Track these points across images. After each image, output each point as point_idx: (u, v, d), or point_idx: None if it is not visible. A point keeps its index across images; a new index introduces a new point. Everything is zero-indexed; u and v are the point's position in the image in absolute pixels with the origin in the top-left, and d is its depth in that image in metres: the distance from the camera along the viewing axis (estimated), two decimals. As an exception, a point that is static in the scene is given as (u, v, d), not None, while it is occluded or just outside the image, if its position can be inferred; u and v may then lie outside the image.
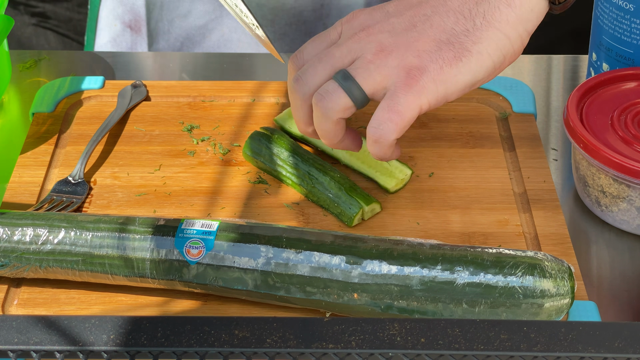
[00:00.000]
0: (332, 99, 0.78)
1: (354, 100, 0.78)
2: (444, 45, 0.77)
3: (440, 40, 0.77)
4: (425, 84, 0.77)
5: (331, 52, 0.79)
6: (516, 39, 0.78)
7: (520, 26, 0.78)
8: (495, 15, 0.77)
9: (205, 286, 0.77)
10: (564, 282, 0.73)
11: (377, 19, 0.80)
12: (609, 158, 0.84)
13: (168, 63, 1.12)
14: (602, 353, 0.53)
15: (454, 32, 0.77)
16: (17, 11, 1.63)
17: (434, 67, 0.76)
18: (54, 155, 0.94)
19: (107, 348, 0.52)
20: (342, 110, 0.78)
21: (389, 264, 0.74)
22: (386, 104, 0.77)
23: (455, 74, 0.77)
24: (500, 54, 0.78)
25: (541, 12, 0.78)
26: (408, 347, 0.53)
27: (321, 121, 0.79)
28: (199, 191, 0.89)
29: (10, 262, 0.78)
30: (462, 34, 0.77)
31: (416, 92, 0.77)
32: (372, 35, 0.78)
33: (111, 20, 1.23)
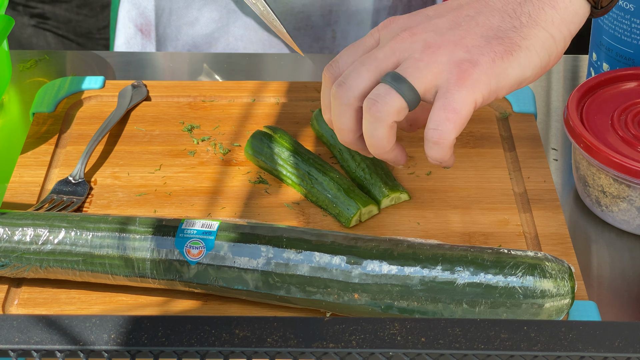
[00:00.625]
0: (387, 101, 0.74)
1: (407, 101, 0.75)
2: (493, 39, 0.75)
3: (488, 36, 0.75)
4: (479, 77, 0.74)
5: (374, 55, 0.77)
6: (560, 40, 0.76)
7: (564, 28, 0.76)
8: (540, 15, 0.76)
9: (206, 286, 0.77)
10: (564, 282, 0.73)
11: (418, 22, 0.78)
12: (609, 158, 0.84)
13: (169, 63, 1.12)
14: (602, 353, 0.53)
15: (501, 28, 0.76)
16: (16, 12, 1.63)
17: (486, 60, 0.74)
18: (54, 155, 0.94)
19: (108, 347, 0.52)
20: (397, 112, 0.75)
21: (389, 264, 0.74)
22: (441, 103, 0.74)
23: (507, 67, 0.75)
24: (546, 53, 0.76)
25: (584, 15, 0.77)
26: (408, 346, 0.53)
27: (375, 127, 0.76)
28: (200, 191, 0.89)
29: (10, 262, 0.78)
30: (510, 30, 0.75)
31: (470, 86, 0.74)
32: (416, 35, 0.76)
33: (126, 23, 1.23)
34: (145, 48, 1.22)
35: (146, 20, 1.21)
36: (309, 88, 1.02)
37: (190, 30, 1.20)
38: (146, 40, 1.22)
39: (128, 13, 1.23)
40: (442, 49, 0.75)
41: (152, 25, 1.21)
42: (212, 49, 1.20)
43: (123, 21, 1.24)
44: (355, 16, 1.17)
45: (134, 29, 1.22)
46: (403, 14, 0.80)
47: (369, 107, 0.75)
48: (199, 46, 1.20)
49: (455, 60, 0.74)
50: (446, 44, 0.75)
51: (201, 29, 1.19)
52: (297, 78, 1.08)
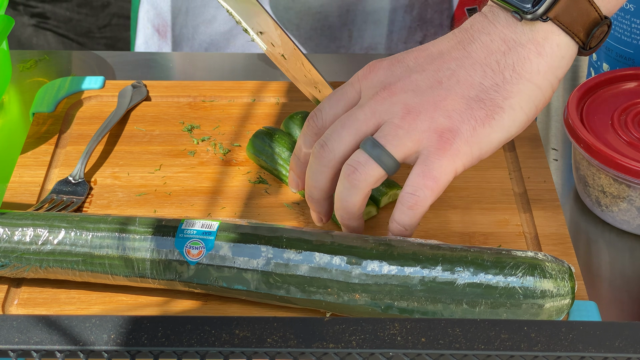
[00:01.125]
0: (365, 171, 0.74)
1: (386, 169, 0.75)
2: (474, 102, 0.74)
3: (469, 97, 0.74)
4: (459, 147, 0.74)
5: (354, 115, 0.76)
6: (547, 88, 0.75)
7: (551, 75, 0.74)
8: (525, 67, 0.74)
9: (206, 286, 0.77)
10: (565, 282, 0.73)
11: (398, 76, 0.76)
12: (609, 158, 0.84)
13: (169, 63, 1.12)
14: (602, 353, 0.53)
15: (483, 87, 0.74)
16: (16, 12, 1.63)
17: (467, 128, 0.73)
18: (54, 155, 0.94)
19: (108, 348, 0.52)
20: (375, 181, 0.75)
21: (389, 264, 0.74)
22: (420, 169, 0.74)
23: (489, 133, 0.74)
24: (532, 105, 0.75)
25: (571, 58, 0.75)
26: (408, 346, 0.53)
27: (350, 193, 0.75)
28: (199, 191, 0.89)
29: (10, 262, 0.78)
30: (492, 89, 0.74)
31: (450, 156, 0.74)
32: (395, 96, 0.75)
33: (145, 23, 1.23)
34: (162, 49, 1.23)
35: (162, 21, 1.21)
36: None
37: (208, 29, 1.19)
38: (162, 41, 1.22)
39: (147, 13, 1.23)
40: (422, 114, 0.73)
41: (169, 26, 1.21)
42: (230, 47, 1.19)
43: (142, 22, 1.24)
44: (372, 15, 1.17)
45: (152, 30, 1.23)
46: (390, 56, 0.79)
47: (347, 174, 0.75)
48: (216, 44, 1.20)
49: (435, 128, 0.73)
50: (426, 108, 0.73)
51: (219, 27, 1.19)
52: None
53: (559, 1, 0.72)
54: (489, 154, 0.75)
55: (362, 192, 0.76)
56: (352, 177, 0.75)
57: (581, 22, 0.74)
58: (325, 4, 1.15)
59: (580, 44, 0.75)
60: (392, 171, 0.75)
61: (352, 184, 0.75)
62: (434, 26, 1.19)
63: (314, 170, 0.78)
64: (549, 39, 0.74)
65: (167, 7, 1.21)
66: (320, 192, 0.79)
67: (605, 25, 0.75)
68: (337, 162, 0.76)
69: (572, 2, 0.73)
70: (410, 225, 0.76)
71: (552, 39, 0.74)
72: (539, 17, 0.72)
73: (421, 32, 1.19)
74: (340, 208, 0.77)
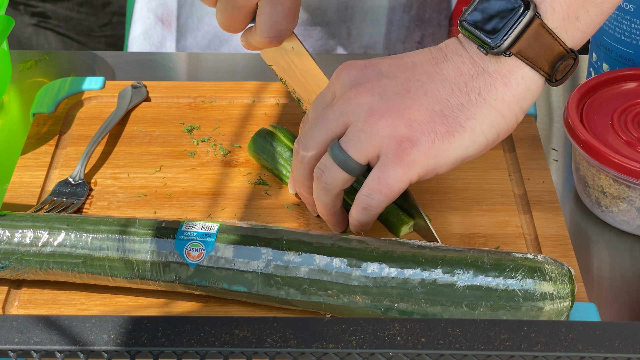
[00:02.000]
0: (331, 175, 0.78)
1: (350, 172, 0.77)
2: (437, 117, 0.75)
3: (433, 110, 0.75)
4: (416, 157, 0.75)
5: (325, 115, 0.79)
6: (511, 117, 0.76)
7: (515, 105, 0.76)
8: (491, 93, 0.75)
9: (206, 288, 0.77)
10: (564, 285, 0.73)
11: (368, 77, 0.78)
12: (609, 158, 0.84)
13: (169, 63, 1.12)
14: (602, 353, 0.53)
15: (448, 104, 0.75)
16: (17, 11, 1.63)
17: (426, 141, 0.75)
18: (54, 156, 0.94)
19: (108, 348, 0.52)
20: (343, 183, 0.78)
21: (389, 266, 0.74)
22: (377, 175, 0.76)
23: (447, 149, 0.76)
24: (494, 131, 0.76)
25: (537, 91, 0.76)
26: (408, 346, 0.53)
27: (321, 193, 0.80)
28: (200, 192, 0.89)
29: (10, 264, 0.78)
30: (457, 108, 0.75)
31: (406, 165, 0.76)
32: (362, 96, 0.77)
33: (145, 13, 1.23)
34: (165, 38, 1.22)
35: (167, 10, 1.21)
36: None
37: (213, 20, 1.19)
38: (166, 31, 1.22)
39: (147, 3, 1.23)
40: (384, 118, 0.75)
41: (174, 15, 1.21)
42: (234, 38, 1.19)
43: (141, 12, 1.23)
44: (371, 13, 1.18)
45: (154, 19, 1.22)
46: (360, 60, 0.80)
47: (317, 177, 0.79)
48: (220, 36, 1.19)
49: (395, 135, 0.75)
50: (389, 114, 0.75)
51: None
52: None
53: (521, 37, 0.74)
54: (445, 169, 0.77)
55: (332, 193, 0.79)
56: (320, 180, 0.79)
57: (545, 56, 0.75)
58: (323, 0, 1.16)
59: (546, 76, 0.76)
60: (357, 173, 0.78)
61: (321, 185, 0.79)
62: (433, 26, 1.19)
63: (295, 167, 0.82)
64: (514, 72, 0.75)
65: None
66: (301, 186, 0.82)
67: (571, 58, 0.76)
68: (311, 159, 0.80)
69: (535, 38, 0.74)
70: (366, 223, 0.80)
71: (517, 72, 0.75)
72: (503, 52, 0.74)
73: (419, 31, 1.19)
74: (317, 205, 0.82)
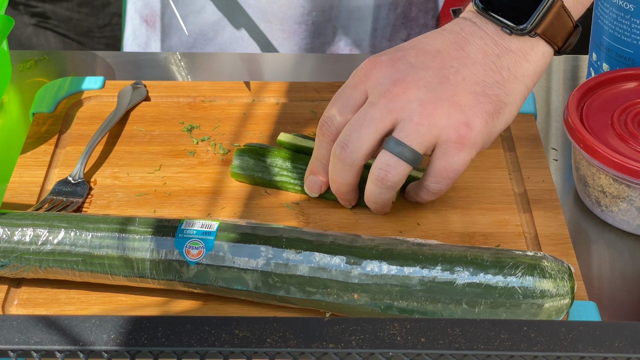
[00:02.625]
0: (397, 171, 0.80)
1: (412, 164, 0.80)
2: (482, 97, 0.80)
3: (476, 92, 0.80)
4: (475, 139, 0.80)
5: (370, 114, 0.80)
6: (531, 88, 0.83)
7: (535, 77, 0.82)
8: (518, 69, 0.81)
9: (205, 286, 0.77)
10: (564, 282, 0.73)
11: (404, 72, 0.80)
12: (609, 158, 0.84)
13: (168, 63, 1.12)
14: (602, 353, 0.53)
15: (486, 83, 0.80)
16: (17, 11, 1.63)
17: (480, 122, 0.80)
18: (54, 155, 0.94)
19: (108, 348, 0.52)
20: (405, 177, 0.81)
21: (389, 264, 0.74)
22: (443, 163, 0.80)
23: (496, 125, 0.81)
24: (521, 102, 0.83)
25: (549, 62, 0.84)
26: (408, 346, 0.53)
27: (383, 192, 0.81)
28: (199, 191, 0.89)
29: (10, 263, 0.78)
30: (495, 86, 0.80)
31: (468, 148, 0.80)
32: (409, 92, 0.79)
33: (133, 14, 1.23)
34: (150, 39, 1.22)
35: (151, 11, 1.21)
36: (309, 88, 1.02)
37: (197, 19, 1.19)
38: (151, 32, 1.22)
39: (134, 4, 1.23)
40: (438, 110, 0.79)
41: (158, 15, 1.21)
42: (219, 38, 1.19)
43: (130, 13, 1.24)
44: (356, 12, 1.18)
45: (139, 21, 1.23)
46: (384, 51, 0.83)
47: (381, 178, 0.80)
48: (205, 34, 1.19)
49: (452, 124, 0.79)
50: (441, 104, 0.79)
51: (208, 17, 1.19)
52: (297, 78, 1.08)
53: (545, 19, 0.81)
54: (492, 142, 0.84)
55: (395, 190, 0.82)
56: (385, 180, 0.80)
57: (561, 33, 0.82)
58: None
59: (556, 49, 0.83)
60: (417, 165, 0.80)
61: (386, 185, 0.81)
62: (419, 25, 1.20)
63: (339, 170, 0.82)
64: (535, 49, 0.82)
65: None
66: (347, 187, 0.84)
67: (577, 31, 0.83)
68: (360, 160, 0.81)
69: (556, 18, 0.81)
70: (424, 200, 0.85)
71: (537, 49, 0.82)
72: (527, 33, 0.81)
73: (405, 30, 1.20)
74: (374, 204, 0.84)
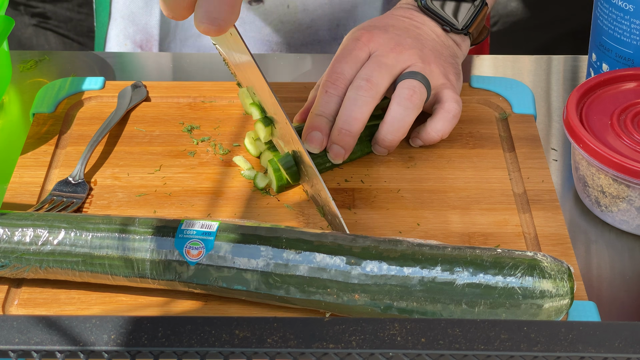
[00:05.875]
0: (422, 92, 0.91)
1: (428, 92, 0.92)
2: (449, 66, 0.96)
3: (444, 55, 0.97)
4: (455, 87, 0.96)
5: (383, 62, 0.92)
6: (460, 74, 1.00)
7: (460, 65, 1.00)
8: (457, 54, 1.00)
9: (205, 287, 0.77)
10: (564, 282, 0.73)
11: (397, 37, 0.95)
12: (608, 158, 0.84)
13: (168, 63, 1.12)
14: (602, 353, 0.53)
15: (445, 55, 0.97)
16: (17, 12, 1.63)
17: (453, 78, 0.96)
18: (54, 155, 0.94)
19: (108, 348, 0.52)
20: (423, 103, 0.92)
21: (389, 264, 0.74)
22: (445, 107, 0.93)
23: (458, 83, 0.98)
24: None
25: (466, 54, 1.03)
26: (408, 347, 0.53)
27: (408, 114, 0.91)
28: (199, 191, 0.89)
29: (10, 263, 0.78)
30: (452, 58, 0.98)
31: (456, 94, 0.95)
32: (410, 49, 0.94)
33: (121, 40, 1.23)
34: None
35: (147, 36, 1.21)
36: (309, 88, 1.02)
37: (197, 43, 1.20)
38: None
39: (124, 30, 1.22)
40: (432, 63, 0.94)
41: (156, 40, 1.21)
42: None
43: (117, 38, 1.23)
44: None
45: (132, 46, 1.22)
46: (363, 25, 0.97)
47: (410, 95, 0.91)
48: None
49: (442, 73, 0.95)
50: (434, 60, 0.95)
51: (207, 41, 1.19)
52: (297, 78, 1.08)
53: (475, 21, 0.99)
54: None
55: (418, 111, 0.92)
56: (413, 97, 0.91)
57: (479, 29, 1.01)
58: (315, 19, 1.17)
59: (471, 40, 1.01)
60: (429, 96, 0.93)
61: (413, 104, 0.91)
62: None
63: (362, 103, 0.90)
64: (465, 43, 1.01)
65: (154, 21, 1.20)
66: (361, 123, 0.90)
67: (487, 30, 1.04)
68: (380, 94, 0.91)
69: (481, 21, 1.00)
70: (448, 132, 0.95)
71: (465, 43, 1.01)
72: (463, 32, 0.99)
73: None
74: (394, 131, 0.91)
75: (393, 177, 0.91)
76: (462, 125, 0.97)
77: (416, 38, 0.96)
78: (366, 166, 0.93)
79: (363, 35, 0.94)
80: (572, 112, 0.88)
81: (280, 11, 1.17)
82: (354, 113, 0.90)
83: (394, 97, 0.91)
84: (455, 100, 0.94)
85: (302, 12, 1.17)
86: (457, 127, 0.97)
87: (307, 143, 0.90)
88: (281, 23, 1.18)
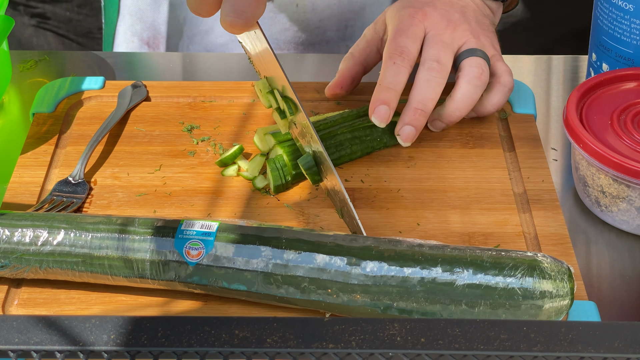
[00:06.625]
0: (486, 69, 0.94)
1: (488, 66, 0.95)
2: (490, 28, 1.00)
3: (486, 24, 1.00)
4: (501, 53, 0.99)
5: (444, 41, 0.95)
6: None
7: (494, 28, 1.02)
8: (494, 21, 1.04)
9: (205, 287, 0.77)
10: (564, 283, 0.73)
11: (447, 15, 0.97)
12: (608, 158, 0.84)
13: (169, 63, 1.12)
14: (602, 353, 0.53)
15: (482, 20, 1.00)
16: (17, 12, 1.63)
17: (498, 44, 0.99)
18: (54, 155, 0.94)
19: (108, 348, 0.52)
20: (488, 80, 0.95)
21: (389, 264, 0.74)
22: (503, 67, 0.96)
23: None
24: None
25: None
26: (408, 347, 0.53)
27: (477, 92, 0.93)
28: (199, 191, 0.89)
29: (10, 263, 0.78)
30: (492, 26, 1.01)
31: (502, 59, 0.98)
32: (461, 25, 0.96)
33: (129, 37, 1.23)
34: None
35: (155, 33, 1.21)
36: (309, 88, 1.02)
37: (204, 40, 1.20)
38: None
39: (131, 27, 1.22)
40: (481, 36, 0.97)
41: (163, 37, 1.21)
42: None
43: (124, 35, 1.23)
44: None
45: (139, 43, 1.22)
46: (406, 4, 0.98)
47: (479, 74, 0.93)
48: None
49: (491, 44, 0.97)
50: (481, 33, 0.97)
51: (215, 39, 1.19)
52: (297, 78, 1.08)
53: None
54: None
55: (485, 87, 0.94)
56: (482, 77, 0.93)
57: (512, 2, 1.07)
58: (324, 19, 1.17)
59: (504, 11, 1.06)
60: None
61: (482, 82, 0.93)
62: None
63: (435, 84, 0.92)
64: (499, 10, 1.04)
65: (162, 18, 1.20)
66: (434, 104, 0.92)
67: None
68: (448, 74, 0.93)
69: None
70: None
71: (499, 11, 1.04)
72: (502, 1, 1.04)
73: None
74: (463, 108, 0.93)
75: (393, 177, 0.91)
76: (462, 125, 0.97)
77: (461, 12, 0.98)
78: (366, 166, 0.93)
79: (417, 12, 0.96)
80: (572, 112, 0.88)
81: (289, 10, 1.17)
82: (430, 94, 0.91)
83: (463, 76, 0.93)
84: (509, 73, 0.96)
85: (311, 12, 1.17)
86: (457, 127, 0.97)
87: (374, 117, 0.90)
88: (289, 22, 1.18)
